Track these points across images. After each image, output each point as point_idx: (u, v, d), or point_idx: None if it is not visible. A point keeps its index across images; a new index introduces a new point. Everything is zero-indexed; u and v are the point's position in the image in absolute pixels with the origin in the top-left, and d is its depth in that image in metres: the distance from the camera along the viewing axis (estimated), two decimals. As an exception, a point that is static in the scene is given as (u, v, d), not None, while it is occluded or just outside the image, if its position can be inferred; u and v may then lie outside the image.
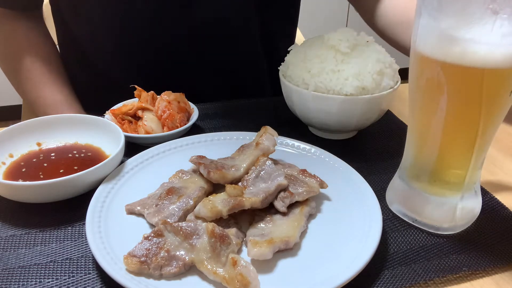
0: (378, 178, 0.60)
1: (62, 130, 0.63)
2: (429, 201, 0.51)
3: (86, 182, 0.52)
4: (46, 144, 0.62)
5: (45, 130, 0.62)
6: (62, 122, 0.63)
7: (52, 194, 0.51)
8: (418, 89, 0.48)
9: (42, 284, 0.43)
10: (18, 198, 0.52)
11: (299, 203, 0.51)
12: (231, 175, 0.54)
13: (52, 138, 0.62)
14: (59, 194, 0.52)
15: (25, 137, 0.61)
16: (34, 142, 0.62)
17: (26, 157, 0.60)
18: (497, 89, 0.43)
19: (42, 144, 0.62)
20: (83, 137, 0.63)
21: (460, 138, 0.48)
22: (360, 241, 0.46)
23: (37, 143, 0.62)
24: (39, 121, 0.62)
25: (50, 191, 0.51)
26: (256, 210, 0.50)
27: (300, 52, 0.67)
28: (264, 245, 0.44)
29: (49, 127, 0.62)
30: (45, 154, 0.61)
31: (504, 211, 0.55)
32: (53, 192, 0.51)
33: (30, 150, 0.61)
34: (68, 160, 0.59)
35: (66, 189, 0.52)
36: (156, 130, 0.66)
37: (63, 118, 0.63)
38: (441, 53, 0.43)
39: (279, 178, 0.51)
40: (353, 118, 0.64)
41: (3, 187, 0.50)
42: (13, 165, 0.58)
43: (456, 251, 0.48)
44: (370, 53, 0.64)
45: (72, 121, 0.63)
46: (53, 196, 0.52)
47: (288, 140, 0.64)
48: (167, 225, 0.45)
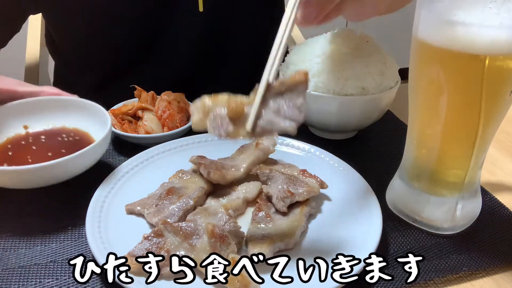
0: (378, 178, 0.60)
1: (49, 113, 0.61)
2: (429, 201, 0.51)
3: (75, 166, 0.51)
4: (32, 127, 0.60)
5: (32, 113, 0.60)
6: (48, 104, 0.61)
7: (43, 178, 0.50)
8: (418, 89, 0.48)
9: (42, 284, 0.43)
10: (7, 184, 0.51)
11: (299, 203, 0.51)
12: (231, 175, 0.54)
13: (38, 121, 0.60)
14: (49, 178, 0.51)
15: (11, 120, 0.59)
16: (21, 125, 0.60)
17: (12, 140, 0.58)
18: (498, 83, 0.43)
19: (28, 127, 0.60)
20: (70, 121, 0.61)
21: (460, 138, 0.48)
22: (360, 241, 0.46)
23: (24, 126, 0.60)
24: (25, 103, 0.60)
25: (40, 175, 0.50)
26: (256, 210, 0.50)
27: (300, 52, 0.67)
28: (264, 245, 0.44)
29: (35, 109, 0.60)
30: (33, 137, 0.59)
31: (504, 211, 0.55)
32: (43, 176, 0.50)
33: (17, 133, 0.59)
34: (56, 144, 0.58)
35: (56, 173, 0.51)
36: (156, 130, 0.66)
37: (50, 100, 0.61)
38: (443, 39, 0.43)
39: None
40: (353, 118, 0.64)
41: None
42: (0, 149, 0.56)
43: (456, 251, 0.48)
44: (370, 53, 0.64)
45: (59, 104, 0.61)
46: (43, 180, 0.51)
47: (288, 140, 0.64)
48: (167, 225, 0.45)
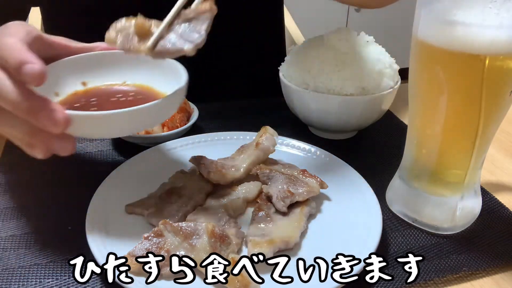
0: (378, 178, 0.60)
1: (107, 69, 0.55)
2: (429, 201, 0.51)
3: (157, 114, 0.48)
4: (91, 83, 0.55)
5: (89, 68, 0.55)
6: (106, 59, 0.55)
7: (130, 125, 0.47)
8: (418, 89, 0.48)
9: (42, 284, 0.43)
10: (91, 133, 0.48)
11: (299, 203, 0.51)
12: (231, 175, 0.54)
13: (96, 77, 0.55)
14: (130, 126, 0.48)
15: (68, 76, 0.54)
16: (79, 82, 0.55)
17: (73, 97, 0.53)
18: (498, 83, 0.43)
19: (87, 83, 0.55)
20: (130, 76, 0.56)
21: (460, 138, 0.48)
22: (360, 241, 0.46)
23: (82, 82, 0.55)
24: (81, 58, 0.54)
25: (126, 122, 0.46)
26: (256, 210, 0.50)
27: (300, 52, 0.67)
28: (264, 245, 0.44)
29: (92, 65, 0.55)
30: (94, 93, 0.54)
31: (504, 211, 0.55)
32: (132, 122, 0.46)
33: (76, 89, 0.54)
34: (119, 100, 0.53)
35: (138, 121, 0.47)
36: (156, 130, 0.66)
37: (107, 55, 0.55)
38: (443, 39, 0.43)
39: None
40: (353, 118, 0.64)
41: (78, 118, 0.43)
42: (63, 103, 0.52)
43: (456, 251, 0.48)
44: (370, 53, 0.64)
45: (116, 58, 0.55)
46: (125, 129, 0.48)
47: (288, 140, 0.64)
48: (167, 225, 0.45)
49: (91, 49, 0.56)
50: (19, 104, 0.41)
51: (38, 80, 0.41)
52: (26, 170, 0.59)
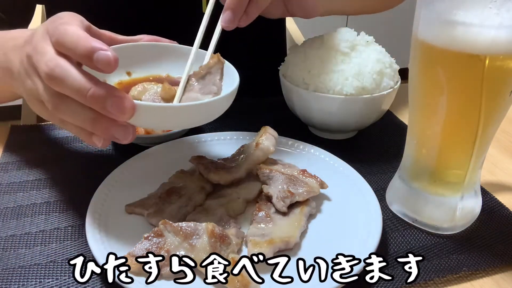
0: (378, 178, 0.60)
1: (152, 60, 0.56)
2: (429, 201, 0.51)
3: (218, 108, 0.50)
4: (136, 73, 0.56)
5: (134, 59, 0.55)
6: (151, 51, 0.55)
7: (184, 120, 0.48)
8: (418, 89, 0.48)
9: (42, 284, 0.43)
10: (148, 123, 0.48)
11: (299, 203, 0.51)
12: (231, 175, 0.54)
13: (141, 68, 0.55)
14: (190, 121, 0.49)
15: None
16: (124, 71, 0.55)
17: (118, 86, 0.54)
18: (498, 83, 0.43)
19: (132, 73, 0.56)
20: (174, 69, 0.56)
21: (460, 138, 0.48)
22: (360, 241, 0.46)
23: (127, 72, 0.56)
24: (127, 47, 0.54)
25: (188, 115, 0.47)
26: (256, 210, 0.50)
27: (300, 52, 0.67)
28: (264, 245, 0.44)
29: (137, 55, 0.55)
30: (139, 84, 0.55)
31: (504, 211, 0.55)
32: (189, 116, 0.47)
33: (121, 79, 0.55)
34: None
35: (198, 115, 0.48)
36: (156, 130, 0.66)
37: (152, 46, 0.55)
38: (443, 39, 0.43)
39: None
40: (353, 118, 0.64)
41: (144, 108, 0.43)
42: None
43: (456, 251, 0.48)
44: (370, 53, 0.64)
45: (161, 50, 0.55)
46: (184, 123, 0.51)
47: (288, 140, 0.64)
48: (167, 225, 0.45)
49: (136, 41, 0.56)
50: (87, 91, 0.40)
51: (112, 66, 0.41)
52: (26, 170, 0.59)
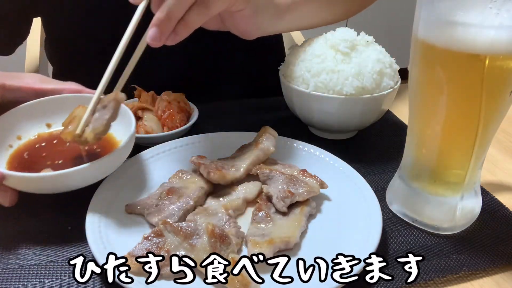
0: (378, 178, 0.60)
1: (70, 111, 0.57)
2: (429, 201, 0.51)
3: (94, 173, 0.50)
4: (56, 125, 0.58)
5: (55, 111, 0.57)
6: (71, 102, 0.56)
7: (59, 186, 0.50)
8: (418, 89, 0.48)
9: (42, 284, 0.43)
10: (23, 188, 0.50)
11: (299, 203, 0.51)
12: (231, 175, 0.54)
13: (62, 119, 0.55)
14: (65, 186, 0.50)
15: (34, 119, 0.57)
16: (44, 124, 0.58)
17: (34, 141, 0.56)
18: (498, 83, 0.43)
19: (52, 125, 0.58)
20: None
21: (460, 138, 0.48)
22: (360, 241, 0.46)
23: (47, 124, 0.58)
24: (47, 101, 0.57)
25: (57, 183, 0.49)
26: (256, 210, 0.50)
27: (300, 52, 0.67)
28: (264, 245, 0.44)
29: (58, 107, 0.57)
30: (56, 137, 0.57)
31: (504, 211, 0.55)
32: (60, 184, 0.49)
33: (40, 132, 0.58)
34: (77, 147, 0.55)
35: (72, 182, 0.49)
36: (156, 130, 0.66)
37: (72, 98, 0.57)
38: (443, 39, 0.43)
39: None
40: (353, 118, 0.64)
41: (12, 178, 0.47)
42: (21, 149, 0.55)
43: (456, 251, 0.48)
44: (370, 53, 0.64)
45: (81, 101, 0.56)
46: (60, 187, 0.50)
47: (288, 140, 0.64)
48: (167, 225, 0.45)
49: (60, 91, 0.58)
50: None
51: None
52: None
